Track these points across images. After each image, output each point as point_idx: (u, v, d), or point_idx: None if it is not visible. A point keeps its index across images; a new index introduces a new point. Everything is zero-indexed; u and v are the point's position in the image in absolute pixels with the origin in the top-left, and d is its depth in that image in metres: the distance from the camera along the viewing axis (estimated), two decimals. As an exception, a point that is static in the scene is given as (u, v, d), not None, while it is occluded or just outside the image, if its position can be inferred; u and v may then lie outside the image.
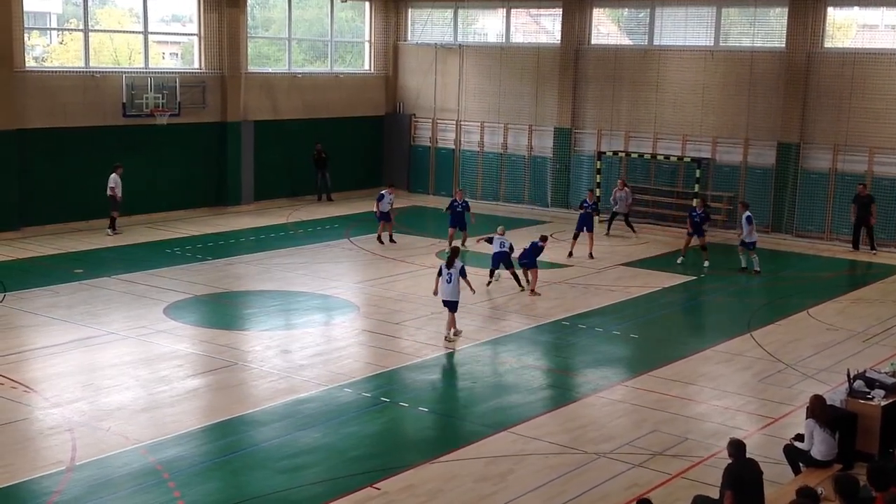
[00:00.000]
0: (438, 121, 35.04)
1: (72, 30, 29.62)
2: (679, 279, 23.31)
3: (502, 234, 22.16)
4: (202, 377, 15.74)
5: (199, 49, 30.95)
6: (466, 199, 26.17)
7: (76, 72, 28.30)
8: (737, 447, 10.59)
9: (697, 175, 29.03)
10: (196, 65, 31.14)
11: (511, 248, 21.72)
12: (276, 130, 32.70)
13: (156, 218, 29.14)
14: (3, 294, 20.25)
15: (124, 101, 28.62)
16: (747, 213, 23.81)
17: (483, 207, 32.26)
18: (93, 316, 18.85)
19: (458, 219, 25.47)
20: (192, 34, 31.23)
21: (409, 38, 35.84)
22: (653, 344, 18.48)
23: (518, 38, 34.13)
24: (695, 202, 26.21)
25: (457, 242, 24.39)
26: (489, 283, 21.90)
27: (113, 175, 26.77)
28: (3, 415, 13.80)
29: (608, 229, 28.51)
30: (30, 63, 27.66)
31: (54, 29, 30.72)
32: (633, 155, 30.65)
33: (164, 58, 32.85)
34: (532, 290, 21.24)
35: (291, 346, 17.48)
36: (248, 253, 25.21)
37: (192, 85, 30.29)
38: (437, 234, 26.90)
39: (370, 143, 35.77)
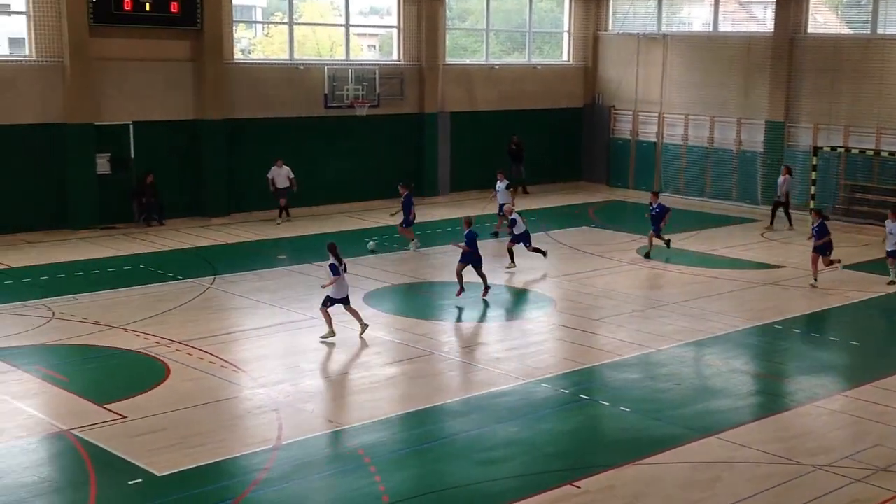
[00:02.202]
0: (640, 113, 34.17)
1: (277, 23, 30.50)
2: (905, 284, 21.57)
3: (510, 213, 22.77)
4: (400, 365, 15.73)
5: (399, 41, 31.30)
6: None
7: (281, 64, 29.13)
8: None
9: (927, 174, 26.97)
10: (395, 56, 31.51)
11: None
12: (473, 122, 32.71)
13: (355, 207, 29.66)
14: (213, 277, 20.99)
15: (326, 92, 29.25)
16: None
17: (687, 203, 31.29)
18: (296, 301, 19.24)
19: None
20: (391, 26, 31.60)
21: (611, 28, 35.10)
22: (876, 352, 17.20)
23: (726, 27, 32.78)
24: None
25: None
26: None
27: (273, 167, 27.35)
28: (215, 392, 14.25)
29: (790, 222, 27.01)
30: (237, 55, 28.64)
31: (261, 22, 31.72)
32: (854, 151, 28.77)
33: (363, 50, 33.41)
34: None
35: (487, 339, 17.27)
36: (443, 244, 25.20)
37: (390, 76, 30.68)
38: (638, 231, 26.19)
39: (567, 135, 35.27)
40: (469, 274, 19.73)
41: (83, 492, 11.00)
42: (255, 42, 31.34)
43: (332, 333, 16.78)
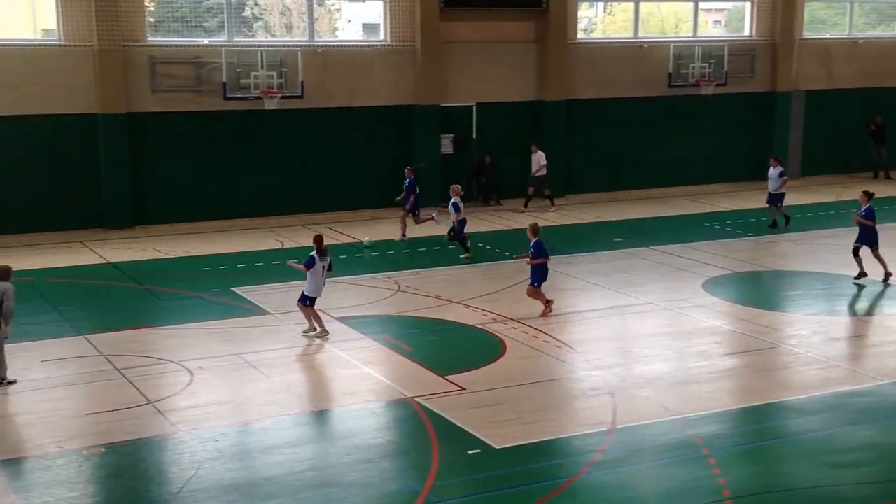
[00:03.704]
0: None
1: (623, 0, 30.09)
2: None
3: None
4: (741, 357, 14.96)
5: (751, 15, 29.94)
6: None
7: (624, 42, 28.77)
8: None
9: None
10: (745, 32, 30.19)
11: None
12: (829, 100, 30.72)
13: (696, 190, 28.92)
14: (548, 257, 21.05)
15: (670, 70, 28.56)
16: None
17: None
18: (631, 285, 18.89)
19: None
20: (744, 0, 30.23)
21: None
22: None
23: None
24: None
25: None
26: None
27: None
28: (549, 371, 14.27)
29: None
30: (580, 35, 28.59)
31: (606, 0, 31.43)
32: None
33: (708, 25, 32.27)
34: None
35: (840, 334, 16.04)
36: (792, 231, 23.80)
37: (739, 53, 29.48)
38: None
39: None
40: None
41: (426, 457, 11.35)
42: (596, 21, 31.19)
43: (323, 332, 15.58)
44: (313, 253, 15.45)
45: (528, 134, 27.62)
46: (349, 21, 28.39)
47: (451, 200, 21.25)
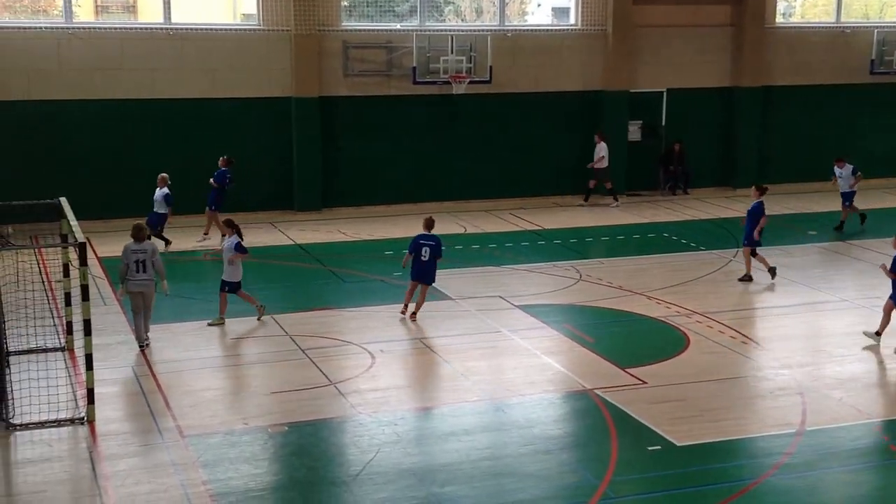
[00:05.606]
0: None
1: (825, -16, 28.84)
2: None
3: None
4: (944, 360, 14.06)
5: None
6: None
7: (824, 27, 27.53)
8: None
9: None
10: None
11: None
12: None
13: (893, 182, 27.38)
14: (736, 249, 20.36)
15: (873, 57, 27.17)
16: None
17: None
18: (825, 280, 18.11)
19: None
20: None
21: None
22: None
23: None
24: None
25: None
26: None
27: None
28: (735, 368, 13.78)
29: None
30: (778, 19, 27.52)
31: (807, -16, 30.20)
32: None
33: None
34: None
35: None
36: None
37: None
38: None
39: None
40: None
41: (605, 451, 11.16)
42: (795, 4, 29.94)
43: (221, 320, 15.49)
44: (237, 239, 15.52)
45: (720, 122, 26.84)
46: (539, 5, 28.20)
47: (163, 191, 20.06)
